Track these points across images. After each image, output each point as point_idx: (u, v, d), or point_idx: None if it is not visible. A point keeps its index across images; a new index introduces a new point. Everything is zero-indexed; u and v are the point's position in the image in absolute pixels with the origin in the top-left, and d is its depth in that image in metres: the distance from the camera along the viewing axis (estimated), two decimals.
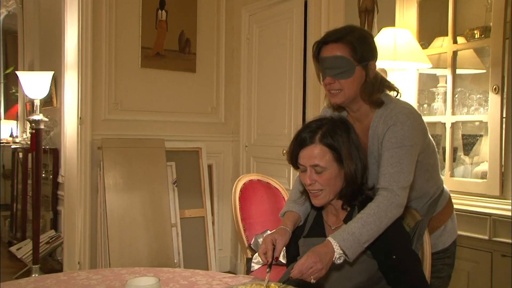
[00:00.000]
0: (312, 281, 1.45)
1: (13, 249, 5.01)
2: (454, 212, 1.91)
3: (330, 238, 1.49)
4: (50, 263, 4.64)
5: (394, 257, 1.54)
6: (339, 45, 1.63)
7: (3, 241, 5.75)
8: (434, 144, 1.81)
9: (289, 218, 1.73)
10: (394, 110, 1.65)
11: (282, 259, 2.46)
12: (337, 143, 1.59)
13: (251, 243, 2.81)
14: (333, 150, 1.58)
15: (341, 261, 1.49)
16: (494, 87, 2.36)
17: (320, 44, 1.68)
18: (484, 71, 2.65)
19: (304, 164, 1.62)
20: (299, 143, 1.63)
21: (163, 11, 4.18)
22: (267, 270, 1.58)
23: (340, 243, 1.47)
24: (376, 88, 1.68)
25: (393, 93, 1.76)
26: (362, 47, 1.64)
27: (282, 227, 1.71)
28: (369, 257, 1.57)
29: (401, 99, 1.77)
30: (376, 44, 1.73)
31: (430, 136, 1.77)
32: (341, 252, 1.48)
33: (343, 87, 1.65)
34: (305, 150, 1.61)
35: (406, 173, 1.58)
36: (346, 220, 1.61)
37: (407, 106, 1.69)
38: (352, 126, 1.66)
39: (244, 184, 2.97)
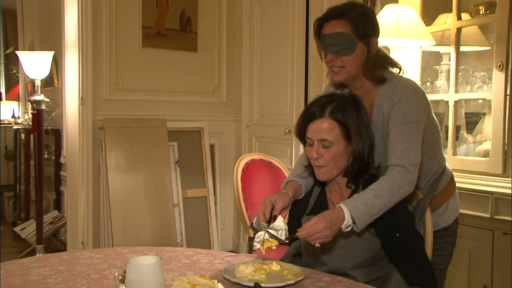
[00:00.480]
0: (317, 245, 1.45)
1: (17, 229, 5.05)
2: (456, 190, 1.91)
3: (342, 205, 1.48)
4: (54, 243, 4.68)
5: (397, 235, 1.54)
6: (341, 22, 1.62)
7: (7, 221, 5.80)
8: (437, 121, 1.80)
9: (291, 186, 1.73)
10: (398, 87, 1.64)
11: (284, 239, 2.47)
12: (346, 119, 1.57)
13: (253, 222, 2.81)
14: (342, 126, 1.57)
15: (349, 229, 1.48)
16: (499, 64, 2.33)
17: (321, 21, 1.66)
18: (489, 48, 2.62)
19: (311, 137, 1.60)
20: (308, 116, 1.62)
21: None
22: (265, 225, 1.60)
23: (352, 211, 1.46)
24: (378, 65, 1.67)
25: (395, 70, 1.74)
26: (363, 23, 1.62)
27: (283, 191, 1.72)
28: (372, 235, 1.57)
29: (404, 76, 1.75)
30: (378, 20, 1.70)
31: (433, 113, 1.76)
32: (350, 220, 1.47)
33: (345, 64, 1.64)
34: (314, 123, 1.59)
35: (415, 149, 1.58)
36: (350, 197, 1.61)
37: (411, 83, 1.68)
38: (362, 104, 1.65)
39: (246, 163, 2.96)
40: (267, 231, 2.75)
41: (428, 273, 1.56)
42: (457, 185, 1.93)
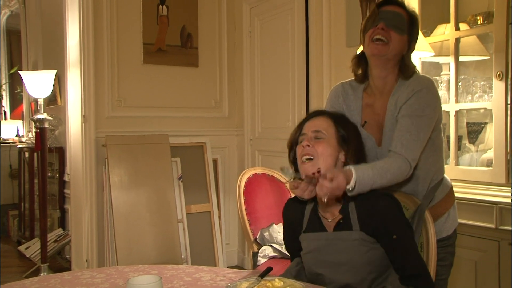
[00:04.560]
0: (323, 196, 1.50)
1: (21, 248, 5.04)
2: (456, 200, 1.93)
3: (351, 167, 1.54)
4: (59, 261, 4.67)
5: (394, 237, 1.54)
6: (400, 9, 1.76)
7: (12, 240, 5.80)
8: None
9: None
10: (420, 77, 1.76)
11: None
12: (341, 122, 1.65)
13: (257, 237, 2.81)
14: (337, 127, 1.63)
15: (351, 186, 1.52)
16: (498, 73, 2.33)
17: (383, 2, 1.78)
18: (488, 57, 2.61)
19: (306, 132, 1.64)
20: (306, 118, 1.70)
21: (164, 6, 4.16)
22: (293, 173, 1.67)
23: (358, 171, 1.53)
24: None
25: None
26: (414, 25, 1.78)
27: None
28: (373, 247, 1.56)
29: None
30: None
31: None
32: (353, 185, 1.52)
33: (392, 39, 1.73)
34: (311, 120, 1.66)
35: (421, 144, 1.65)
36: (342, 211, 1.60)
37: (429, 78, 1.80)
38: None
39: (248, 178, 2.95)
40: (271, 245, 2.75)
41: (422, 264, 1.58)
42: (461, 195, 1.95)
